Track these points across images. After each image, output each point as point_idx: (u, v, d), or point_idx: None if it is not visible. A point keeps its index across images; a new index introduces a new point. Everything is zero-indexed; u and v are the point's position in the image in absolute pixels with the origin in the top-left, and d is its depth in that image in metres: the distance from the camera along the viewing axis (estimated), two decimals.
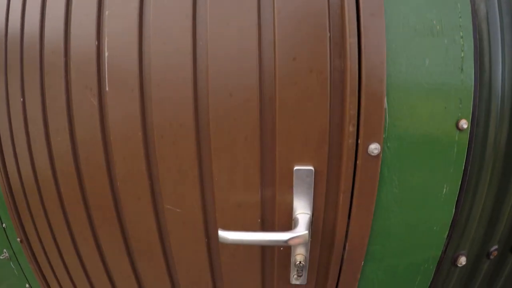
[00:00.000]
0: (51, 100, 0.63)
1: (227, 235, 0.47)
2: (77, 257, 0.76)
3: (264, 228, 0.53)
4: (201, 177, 0.52)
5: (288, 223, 0.52)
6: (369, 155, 0.48)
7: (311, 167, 0.48)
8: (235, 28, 0.48)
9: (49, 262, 0.84)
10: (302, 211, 0.50)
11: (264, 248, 0.56)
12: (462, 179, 0.56)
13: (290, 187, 0.49)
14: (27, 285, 0.91)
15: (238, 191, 0.51)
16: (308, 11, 0.46)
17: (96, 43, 0.56)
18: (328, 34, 0.46)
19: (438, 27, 0.49)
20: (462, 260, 0.60)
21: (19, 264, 0.88)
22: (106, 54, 0.56)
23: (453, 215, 0.57)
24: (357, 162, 0.48)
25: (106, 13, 0.55)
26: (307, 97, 0.47)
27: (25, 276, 0.90)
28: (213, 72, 0.49)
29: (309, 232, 0.47)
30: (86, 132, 0.61)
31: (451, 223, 0.57)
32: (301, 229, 0.47)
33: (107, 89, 0.58)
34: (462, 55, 0.52)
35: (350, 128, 0.47)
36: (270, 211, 0.52)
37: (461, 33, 0.50)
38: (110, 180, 0.60)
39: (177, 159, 0.53)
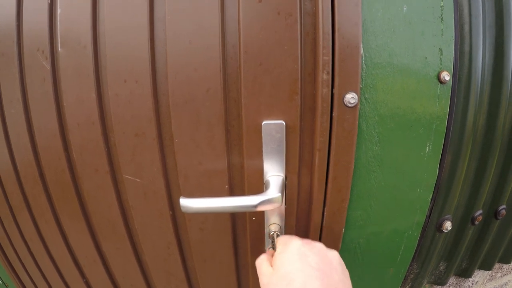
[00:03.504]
0: (3, 68, 0.54)
1: (190, 203, 0.38)
2: (41, 242, 0.65)
3: (233, 195, 0.44)
4: (160, 139, 0.43)
5: (260, 188, 0.43)
6: (346, 106, 0.40)
7: (281, 121, 0.40)
8: None
9: (14, 250, 0.73)
10: (274, 173, 0.42)
11: (235, 220, 0.47)
12: (445, 137, 0.49)
13: (260, 145, 0.41)
14: None
15: (201, 153, 0.42)
16: None
17: (49, 1, 0.47)
18: None
19: None
20: (448, 225, 0.53)
21: None
22: (59, 11, 0.47)
23: (437, 176, 0.50)
24: (333, 114, 0.40)
25: None
26: (275, 43, 0.39)
27: None
28: (171, 18, 0.40)
29: (282, 195, 0.39)
30: (39, 100, 0.51)
31: (435, 184, 0.50)
32: (273, 192, 0.39)
33: (59, 49, 0.48)
34: (442, 4, 0.46)
35: (324, 76, 0.39)
36: (239, 175, 0.43)
37: None
38: (66, 151, 0.51)
39: (133, 120, 0.44)
